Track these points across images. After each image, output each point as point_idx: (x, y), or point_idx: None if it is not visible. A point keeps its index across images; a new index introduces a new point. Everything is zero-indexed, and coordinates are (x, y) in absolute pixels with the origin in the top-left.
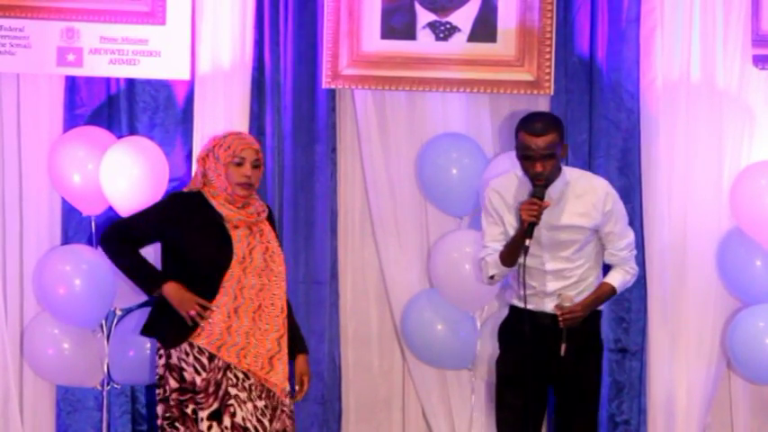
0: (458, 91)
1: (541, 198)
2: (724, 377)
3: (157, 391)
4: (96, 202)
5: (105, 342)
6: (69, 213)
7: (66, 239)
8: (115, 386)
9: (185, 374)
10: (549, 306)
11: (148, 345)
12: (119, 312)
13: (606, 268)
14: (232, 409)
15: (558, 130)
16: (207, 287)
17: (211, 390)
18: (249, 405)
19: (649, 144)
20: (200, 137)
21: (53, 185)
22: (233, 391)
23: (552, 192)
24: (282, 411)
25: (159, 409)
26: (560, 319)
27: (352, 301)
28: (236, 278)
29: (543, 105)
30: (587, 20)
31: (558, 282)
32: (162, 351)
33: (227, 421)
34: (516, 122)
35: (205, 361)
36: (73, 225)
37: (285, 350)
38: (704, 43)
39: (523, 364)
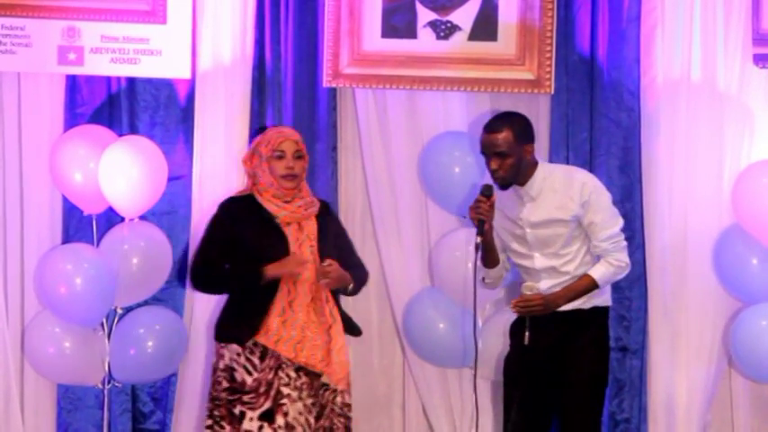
0: (458, 90)
1: (488, 196)
2: (724, 375)
3: (210, 389)
4: (97, 200)
5: (106, 341)
6: (70, 212)
7: (68, 238)
8: (116, 385)
9: (236, 375)
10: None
11: (150, 343)
12: (120, 311)
13: None
14: (285, 409)
15: (513, 128)
16: (267, 284)
17: (262, 390)
18: (299, 404)
19: (650, 143)
20: (201, 135)
21: (54, 184)
22: (285, 390)
23: (530, 190)
24: (332, 410)
25: (208, 405)
26: (512, 305)
27: (353, 299)
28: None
29: (544, 104)
30: (588, 18)
31: (553, 279)
32: (216, 350)
33: (279, 421)
34: None
35: (256, 361)
36: (74, 224)
37: (336, 339)
38: (704, 42)
39: (526, 362)
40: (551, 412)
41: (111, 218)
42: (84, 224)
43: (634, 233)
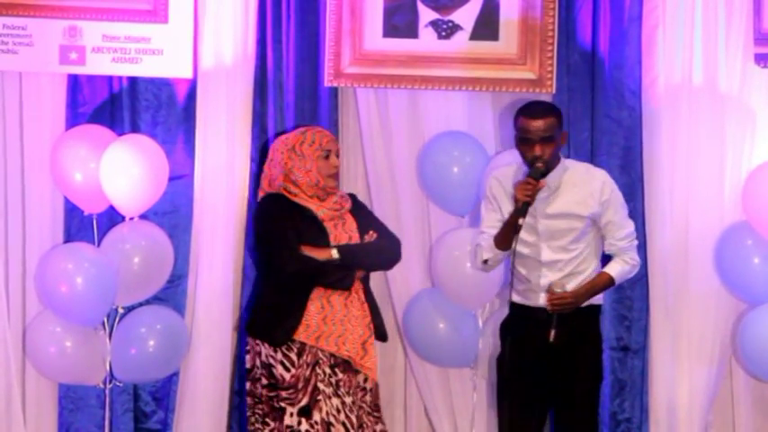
0: (460, 89)
1: (537, 179)
2: (726, 375)
3: (247, 386)
4: (98, 200)
5: (107, 340)
6: (71, 211)
7: (69, 237)
8: (117, 384)
9: (274, 371)
10: (543, 301)
11: (151, 343)
12: (121, 310)
13: (606, 259)
14: (321, 405)
15: (556, 115)
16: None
17: (300, 385)
18: (335, 401)
19: (651, 142)
20: (203, 135)
21: (55, 184)
22: (321, 386)
23: (550, 180)
24: (361, 408)
25: (247, 400)
26: (548, 303)
27: None
28: None
29: None
30: (589, 18)
31: (553, 274)
32: (249, 347)
33: (316, 416)
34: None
35: (294, 357)
36: (75, 223)
37: (373, 335)
38: (706, 42)
39: (522, 361)
40: (547, 410)
41: (112, 217)
42: (85, 223)
43: (635, 232)
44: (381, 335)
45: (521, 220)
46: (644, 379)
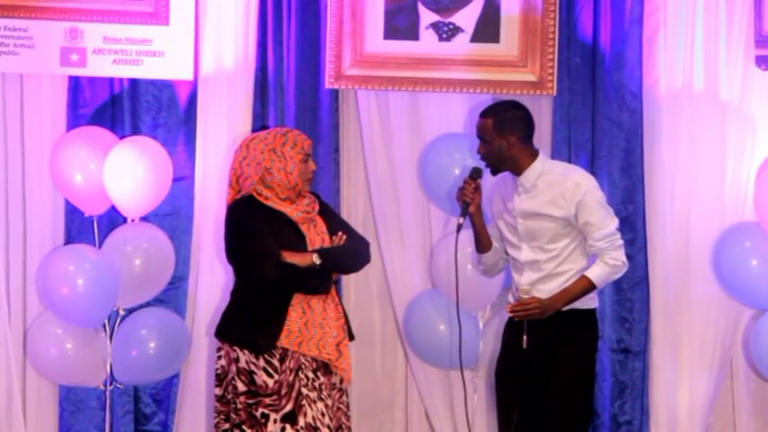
0: (461, 91)
1: (474, 178)
2: (727, 378)
3: (216, 391)
4: (98, 202)
5: (108, 342)
6: (72, 213)
7: (70, 239)
8: (118, 386)
9: (255, 378)
10: None
11: (152, 345)
12: (122, 312)
13: None
14: (305, 410)
15: (495, 117)
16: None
17: (284, 391)
18: (320, 404)
19: (652, 144)
20: (204, 137)
21: (55, 185)
22: (304, 391)
23: (525, 181)
24: (339, 409)
25: (216, 406)
26: (509, 310)
27: (355, 301)
28: None
29: (546, 106)
30: (590, 20)
31: (533, 274)
32: (222, 352)
33: (301, 422)
34: None
35: (276, 363)
36: (76, 225)
37: (347, 336)
38: (707, 44)
39: (518, 364)
40: (534, 413)
41: (112, 219)
42: (86, 225)
43: (636, 235)
44: (351, 335)
45: (460, 219)
46: (644, 381)
